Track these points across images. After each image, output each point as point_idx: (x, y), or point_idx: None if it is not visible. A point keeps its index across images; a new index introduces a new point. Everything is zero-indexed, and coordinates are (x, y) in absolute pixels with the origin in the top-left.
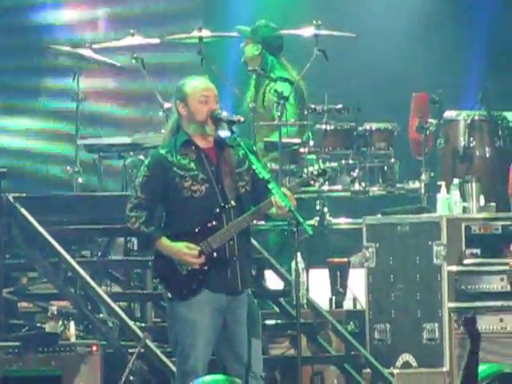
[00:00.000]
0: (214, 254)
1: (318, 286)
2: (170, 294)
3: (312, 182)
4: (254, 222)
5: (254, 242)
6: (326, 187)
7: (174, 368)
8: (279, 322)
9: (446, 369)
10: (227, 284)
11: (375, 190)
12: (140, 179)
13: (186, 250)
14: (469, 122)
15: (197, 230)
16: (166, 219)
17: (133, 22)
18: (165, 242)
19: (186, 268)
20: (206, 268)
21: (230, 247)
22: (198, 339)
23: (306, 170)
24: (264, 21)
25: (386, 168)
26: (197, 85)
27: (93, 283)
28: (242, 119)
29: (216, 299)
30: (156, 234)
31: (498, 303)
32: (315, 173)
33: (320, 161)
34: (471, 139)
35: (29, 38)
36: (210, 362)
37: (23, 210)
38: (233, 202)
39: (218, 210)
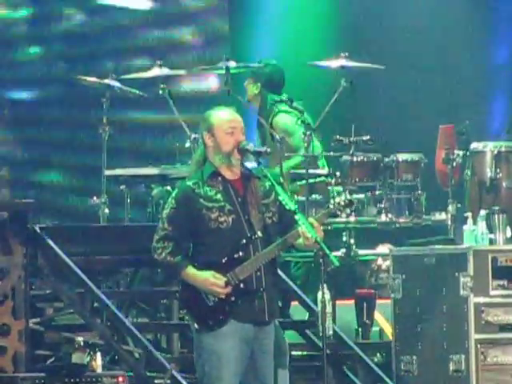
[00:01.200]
0: (241, 285)
1: (344, 317)
2: (196, 325)
3: (339, 213)
4: (280, 253)
5: (280, 272)
6: (352, 218)
7: None
8: (305, 353)
9: None
10: (254, 315)
11: (402, 222)
12: (167, 211)
13: (212, 280)
14: (495, 153)
15: (224, 261)
16: (192, 250)
17: (158, 52)
18: (191, 271)
19: (212, 299)
20: (232, 299)
21: (257, 278)
22: (224, 371)
23: (332, 201)
24: (265, 59)
25: (412, 199)
26: (223, 116)
27: (119, 314)
28: (269, 150)
29: (243, 330)
30: (183, 264)
31: None
32: (342, 203)
33: (347, 191)
34: (498, 170)
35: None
36: None
37: (50, 241)
38: (259, 233)
39: (244, 241)
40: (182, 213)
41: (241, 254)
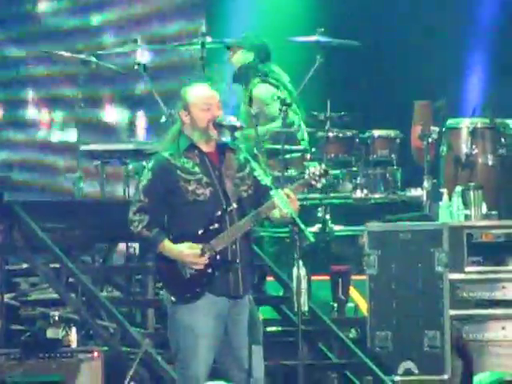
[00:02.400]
0: (217, 257)
1: (319, 293)
2: (173, 298)
3: (314, 183)
4: (255, 226)
5: (255, 248)
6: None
7: (174, 374)
8: (280, 328)
9: (447, 376)
10: (229, 288)
11: (377, 198)
12: (144, 183)
13: (188, 251)
14: (471, 129)
15: (199, 233)
16: (168, 222)
17: (133, 25)
18: (167, 244)
19: (189, 271)
20: (209, 271)
21: (232, 251)
22: (199, 345)
23: (307, 171)
24: (251, 31)
25: (388, 175)
26: (199, 92)
27: (94, 289)
28: (244, 125)
29: (218, 304)
30: (158, 237)
31: (500, 311)
32: (317, 173)
33: (322, 164)
34: (474, 147)
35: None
36: (211, 368)
37: (24, 216)
38: (234, 205)
39: (220, 213)
40: (159, 184)
41: (216, 225)
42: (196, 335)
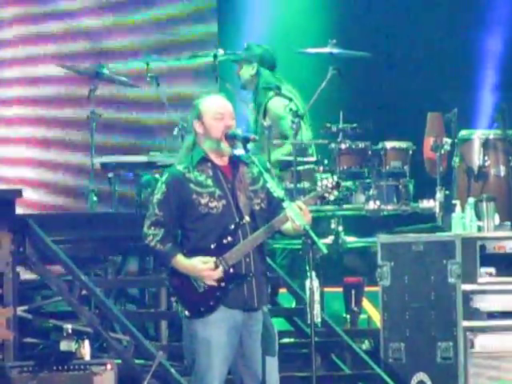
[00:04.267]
0: (231, 271)
1: (332, 304)
2: (187, 312)
3: (326, 195)
4: (268, 239)
5: (268, 260)
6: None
7: None
8: (293, 340)
9: None
10: (244, 301)
11: (390, 209)
12: (158, 196)
13: (201, 266)
14: (483, 140)
15: (212, 247)
16: (181, 236)
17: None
18: (180, 259)
19: (203, 285)
20: (223, 284)
21: (246, 264)
22: (214, 358)
23: (319, 184)
24: (254, 42)
25: (400, 187)
26: (212, 102)
27: (107, 302)
28: (257, 137)
29: (232, 317)
30: (172, 252)
31: None
32: (329, 185)
33: (334, 175)
34: (486, 158)
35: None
36: (226, 380)
37: (37, 229)
38: (247, 218)
39: (233, 226)
40: (173, 198)
41: (229, 239)
42: (211, 348)
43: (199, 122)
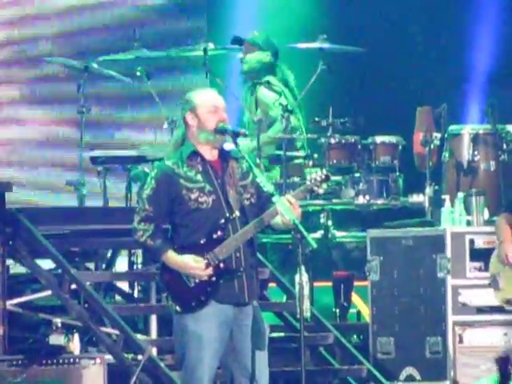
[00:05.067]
0: (221, 266)
1: (322, 299)
2: (178, 307)
3: (316, 189)
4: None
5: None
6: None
7: (177, 381)
8: (283, 334)
9: (449, 382)
10: (234, 296)
11: (379, 203)
12: (147, 191)
13: (192, 264)
14: (473, 135)
15: (202, 242)
16: (171, 231)
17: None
18: (171, 255)
19: (193, 280)
20: (213, 279)
21: (236, 259)
22: (205, 352)
23: (308, 177)
24: (260, 31)
25: (390, 181)
26: (206, 95)
27: (97, 296)
28: (247, 132)
29: (223, 311)
30: (163, 248)
31: (502, 317)
32: (318, 179)
33: (323, 169)
34: (475, 153)
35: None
36: (216, 374)
37: (27, 222)
38: (237, 213)
39: (223, 221)
40: (162, 193)
41: (219, 233)
42: (201, 343)
43: (192, 115)
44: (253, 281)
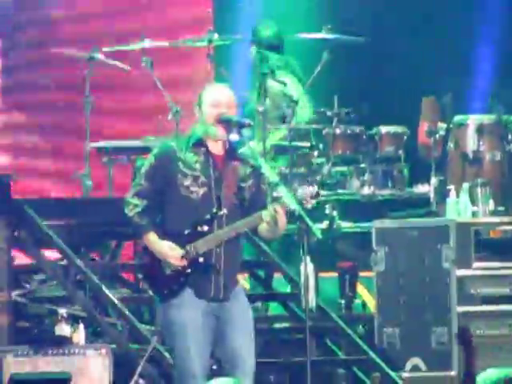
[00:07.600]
0: (200, 259)
1: (327, 289)
2: (151, 293)
3: (304, 203)
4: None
5: (262, 244)
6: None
7: None
8: (288, 325)
9: (454, 372)
10: (209, 291)
11: (384, 194)
12: (146, 167)
13: (167, 251)
14: (478, 126)
15: (186, 233)
16: (161, 217)
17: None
18: (152, 237)
19: (169, 269)
20: (188, 271)
21: (216, 255)
22: (190, 340)
23: (300, 191)
24: (263, 21)
25: (395, 172)
26: (212, 90)
27: (102, 286)
28: (252, 123)
29: (202, 303)
30: (147, 227)
31: (507, 307)
32: (309, 194)
33: (315, 185)
34: (481, 143)
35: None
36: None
37: (32, 213)
38: (225, 211)
39: (209, 216)
40: (159, 171)
41: (205, 228)
42: (186, 330)
43: (198, 108)
44: (231, 279)
